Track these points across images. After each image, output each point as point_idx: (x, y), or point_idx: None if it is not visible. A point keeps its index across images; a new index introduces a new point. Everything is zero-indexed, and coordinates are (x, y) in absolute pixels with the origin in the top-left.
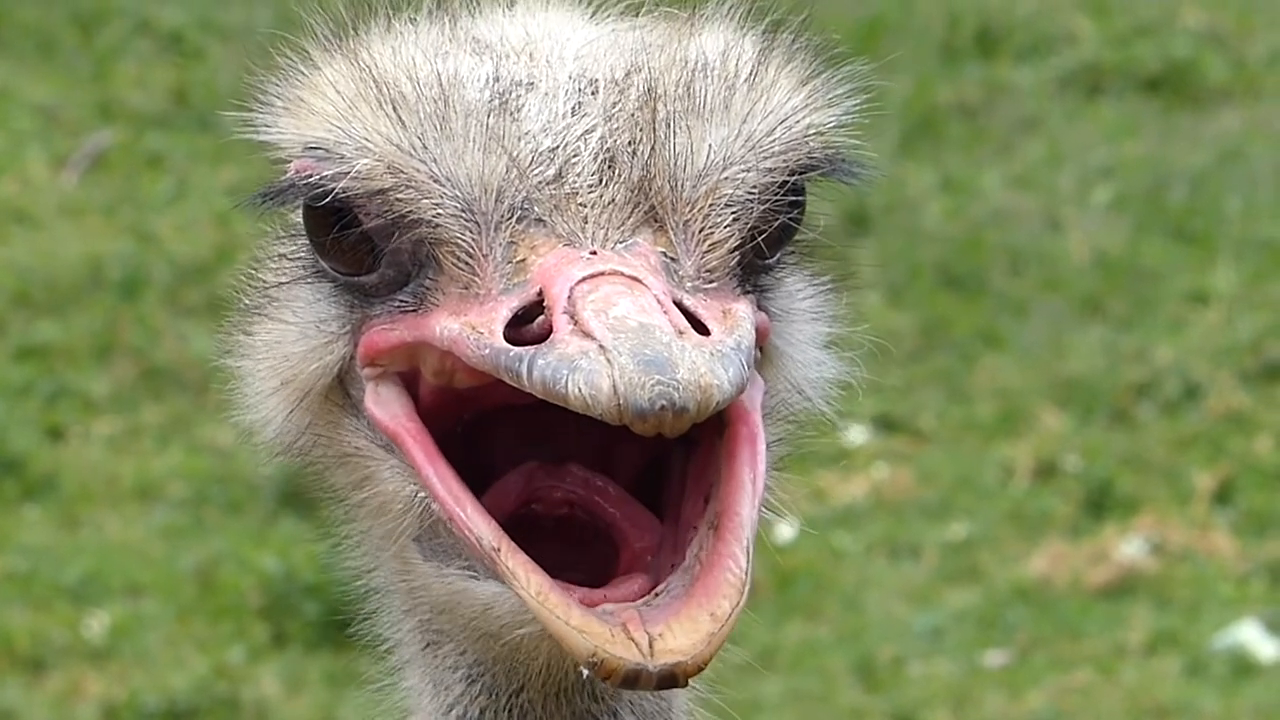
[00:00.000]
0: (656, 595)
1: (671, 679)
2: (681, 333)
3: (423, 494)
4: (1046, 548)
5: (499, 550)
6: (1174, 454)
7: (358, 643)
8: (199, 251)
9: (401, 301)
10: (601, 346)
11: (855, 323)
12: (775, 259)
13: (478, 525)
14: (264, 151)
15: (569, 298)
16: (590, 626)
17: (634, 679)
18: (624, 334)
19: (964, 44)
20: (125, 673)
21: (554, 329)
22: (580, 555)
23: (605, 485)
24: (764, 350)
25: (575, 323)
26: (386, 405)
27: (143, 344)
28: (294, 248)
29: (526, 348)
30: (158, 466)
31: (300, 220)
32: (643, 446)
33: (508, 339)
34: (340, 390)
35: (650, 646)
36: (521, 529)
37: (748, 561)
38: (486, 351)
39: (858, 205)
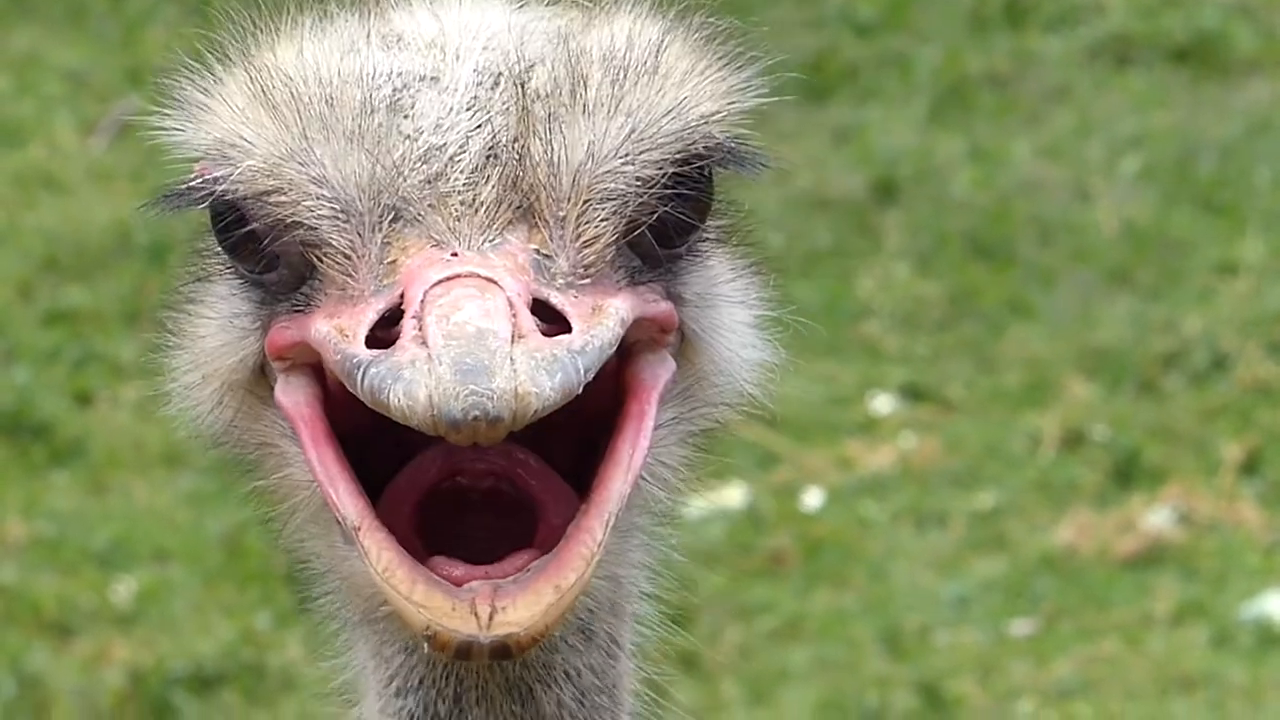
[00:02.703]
0: (527, 571)
1: (504, 650)
2: (521, 337)
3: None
4: (1073, 517)
5: (359, 529)
6: (1201, 424)
7: None
8: None
9: (296, 300)
10: (429, 355)
11: (779, 305)
12: (685, 247)
13: (345, 505)
14: (176, 153)
15: (422, 301)
16: (432, 601)
17: (465, 651)
18: (455, 341)
19: (993, 14)
20: (152, 638)
21: (400, 334)
22: (509, 525)
23: (526, 458)
24: (684, 336)
25: (420, 328)
26: (292, 393)
27: None
28: (210, 246)
29: (369, 353)
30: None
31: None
32: (574, 430)
33: (379, 341)
34: (262, 382)
35: (489, 620)
36: (450, 502)
37: (603, 534)
38: (338, 356)
39: (887, 175)
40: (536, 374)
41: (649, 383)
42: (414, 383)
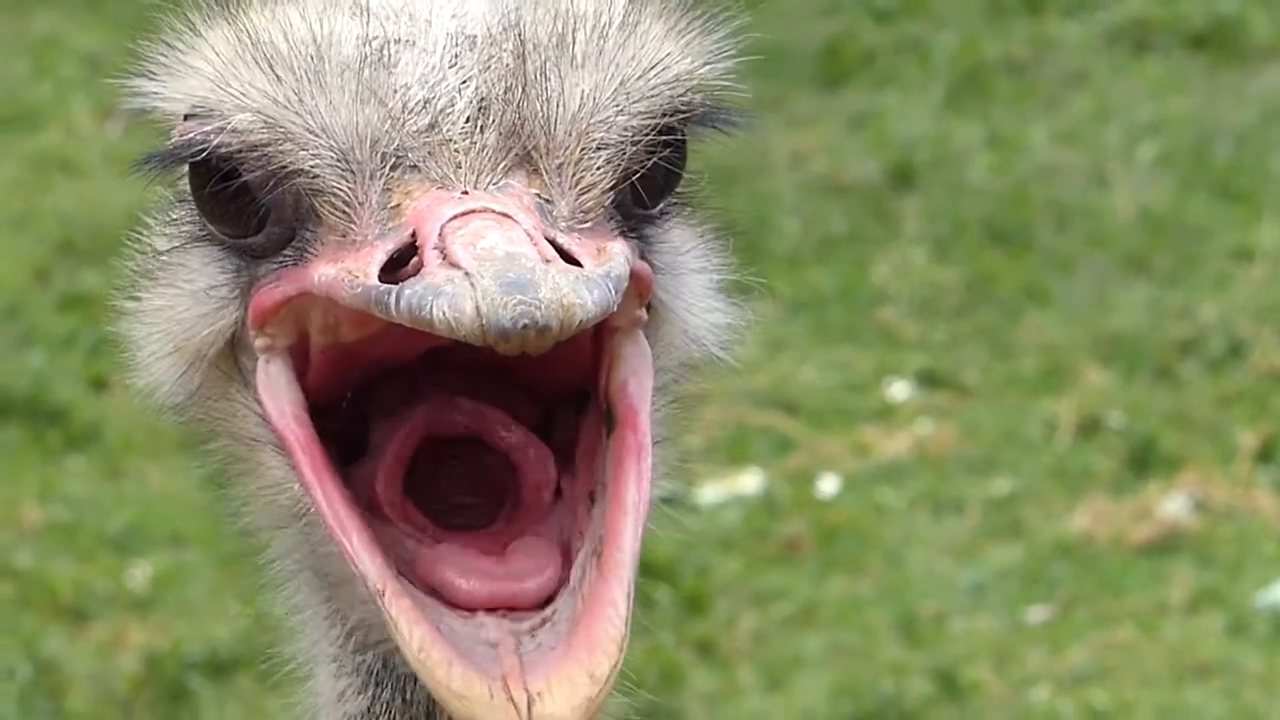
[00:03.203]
0: (544, 622)
1: None
2: (548, 260)
3: (309, 503)
4: (1089, 504)
5: (383, 594)
6: (1218, 411)
7: None
8: None
9: (285, 258)
10: (466, 273)
11: (740, 269)
12: (658, 208)
13: (363, 562)
14: (149, 118)
15: (439, 234)
16: (470, 690)
17: None
18: (490, 261)
19: (1011, 0)
20: (168, 623)
21: (424, 264)
22: (482, 479)
23: (499, 416)
24: (651, 309)
25: (444, 256)
26: (276, 394)
27: None
28: (183, 214)
29: (399, 282)
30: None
31: (186, 185)
32: (536, 404)
33: (384, 281)
34: (230, 358)
35: (529, 710)
36: (427, 458)
37: (627, 605)
38: (358, 289)
39: (903, 161)
40: (578, 288)
41: (637, 401)
42: (459, 296)
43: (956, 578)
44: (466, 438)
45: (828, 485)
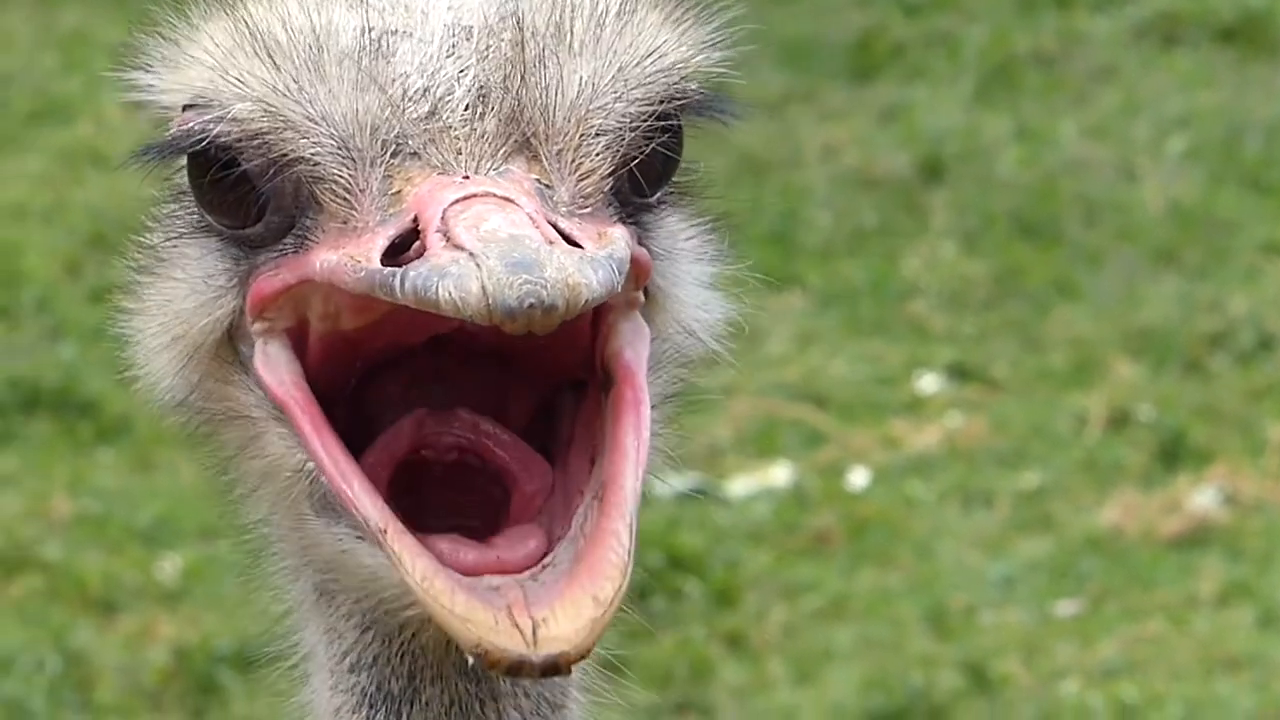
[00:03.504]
0: (544, 567)
1: (555, 668)
2: (551, 242)
3: (311, 464)
4: (1119, 498)
5: (385, 532)
6: (1247, 405)
7: None
8: None
9: (284, 247)
10: (471, 254)
11: (738, 261)
12: (655, 197)
13: (364, 504)
14: (146, 110)
15: (442, 218)
16: (474, 614)
17: (518, 669)
18: (494, 243)
19: None
20: (197, 616)
21: (427, 247)
22: (472, 498)
23: (494, 430)
24: (648, 294)
25: (448, 239)
26: (275, 369)
27: None
28: (180, 207)
29: (401, 266)
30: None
31: (185, 178)
32: (534, 392)
33: (386, 266)
34: (230, 347)
35: (534, 634)
36: (412, 474)
37: (630, 539)
38: (362, 274)
39: (933, 154)
40: (583, 268)
41: (633, 363)
42: (464, 276)
43: (986, 571)
44: (459, 457)
45: (858, 478)
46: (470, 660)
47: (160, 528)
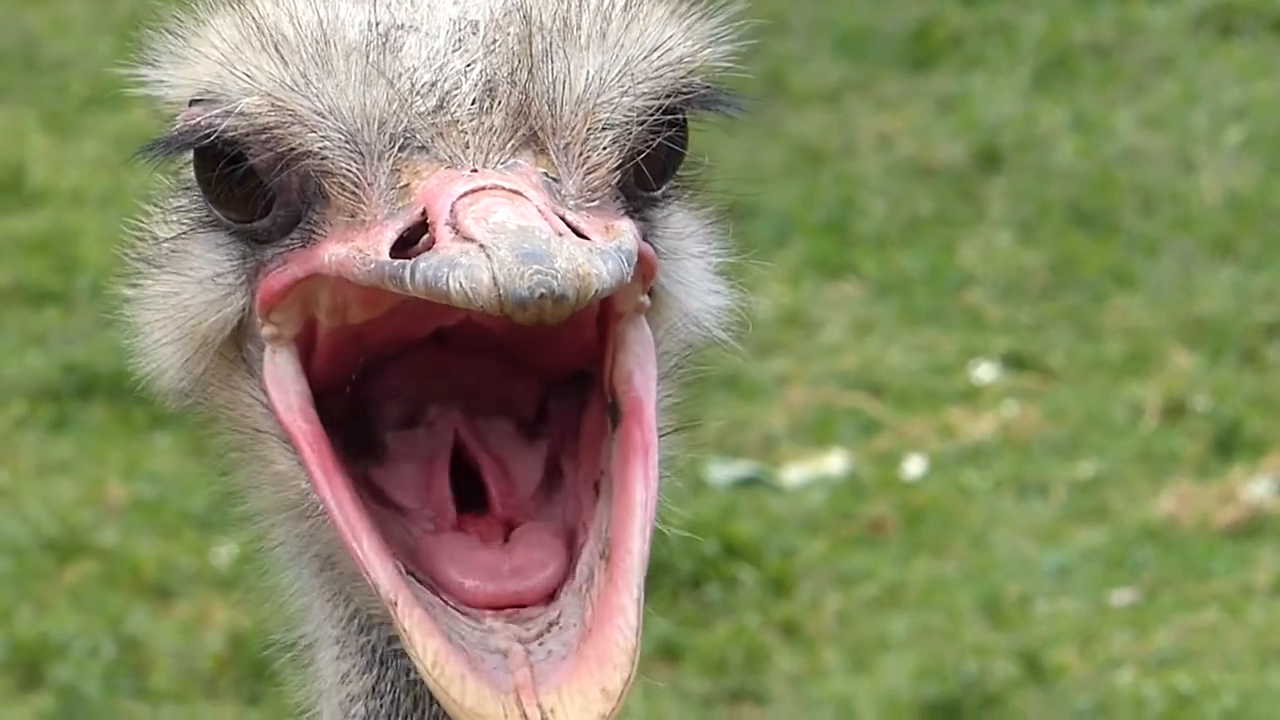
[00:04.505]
0: (550, 627)
1: None
2: (561, 234)
3: (317, 500)
4: (1174, 487)
5: (395, 605)
6: None
7: None
8: None
9: (292, 241)
10: (481, 245)
11: (742, 251)
12: (661, 191)
13: (375, 570)
14: (152, 105)
15: (451, 211)
16: (484, 705)
17: None
18: (504, 234)
19: None
20: (252, 601)
21: (437, 240)
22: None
23: (492, 425)
24: (654, 294)
25: (457, 231)
26: (283, 388)
27: None
28: (187, 201)
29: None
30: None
31: (192, 172)
32: (537, 388)
33: (394, 259)
34: (235, 345)
35: None
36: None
37: (638, 614)
38: (371, 266)
39: (990, 143)
40: (593, 259)
41: (642, 394)
42: (475, 267)
43: (1041, 560)
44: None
45: (913, 467)
46: None
47: (215, 513)
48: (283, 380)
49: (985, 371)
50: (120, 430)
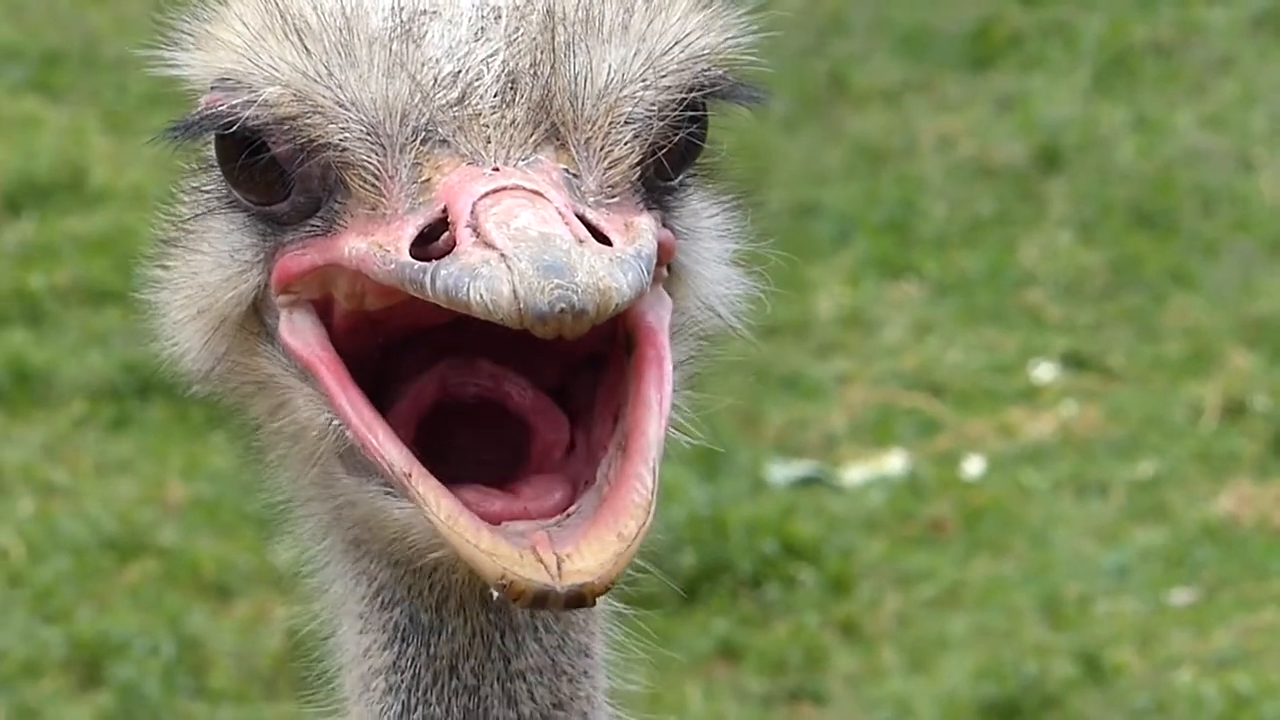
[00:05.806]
0: (568, 515)
1: (579, 599)
2: (581, 241)
3: (337, 421)
4: (1234, 487)
5: (409, 476)
6: None
7: None
8: None
9: (312, 227)
10: (502, 255)
11: (760, 239)
12: (679, 179)
13: (389, 451)
14: (175, 87)
15: (472, 212)
16: (499, 549)
17: (543, 599)
18: (524, 243)
19: None
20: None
21: (457, 242)
22: (492, 447)
23: (516, 381)
24: (671, 269)
25: (478, 235)
26: (300, 334)
27: None
28: (208, 181)
29: (431, 261)
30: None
31: (213, 153)
32: (554, 367)
33: (415, 256)
34: (255, 318)
35: (558, 567)
36: (435, 432)
37: (654, 481)
38: (392, 266)
39: (1050, 144)
40: (613, 271)
41: (655, 324)
42: (495, 279)
43: (1101, 560)
44: (481, 402)
45: (973, 467)
46: (495, 594)
47: (274, 512)
48: (300, 328)
49: (1045, 371)
50: (180, 429)
